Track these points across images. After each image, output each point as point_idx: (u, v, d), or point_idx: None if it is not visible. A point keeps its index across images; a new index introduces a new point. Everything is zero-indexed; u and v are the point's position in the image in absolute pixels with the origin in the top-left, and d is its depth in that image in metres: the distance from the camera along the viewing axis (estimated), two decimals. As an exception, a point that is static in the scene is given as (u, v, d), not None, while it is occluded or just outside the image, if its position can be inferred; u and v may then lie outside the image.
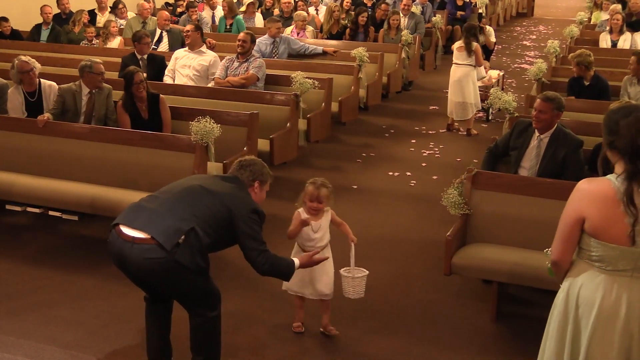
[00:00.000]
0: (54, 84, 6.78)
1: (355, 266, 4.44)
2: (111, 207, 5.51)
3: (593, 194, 2.88)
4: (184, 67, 8.18)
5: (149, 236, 3.56)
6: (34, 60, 6.74)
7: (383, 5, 12.10)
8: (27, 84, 6.67)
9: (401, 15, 11.64)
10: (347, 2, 12.44)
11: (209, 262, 3.77)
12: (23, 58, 6.68)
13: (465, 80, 9.14)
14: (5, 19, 10.78)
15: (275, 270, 3.91)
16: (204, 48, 8.30)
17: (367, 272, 4.45)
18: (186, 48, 8.35)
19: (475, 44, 9.11)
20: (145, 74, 6.86)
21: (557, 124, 5.42)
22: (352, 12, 11.71)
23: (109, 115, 6.58)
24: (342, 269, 4.44)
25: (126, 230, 3.64)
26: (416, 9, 12.80)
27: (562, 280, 3.08)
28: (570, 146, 5.33)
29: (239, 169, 3.99)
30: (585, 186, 2.91)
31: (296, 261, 4.02)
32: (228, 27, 11.65)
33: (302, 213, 4.47)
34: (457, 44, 9.38)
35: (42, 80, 6.78)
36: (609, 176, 2.90)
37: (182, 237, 3.56)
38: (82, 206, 5.72)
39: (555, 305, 3.09)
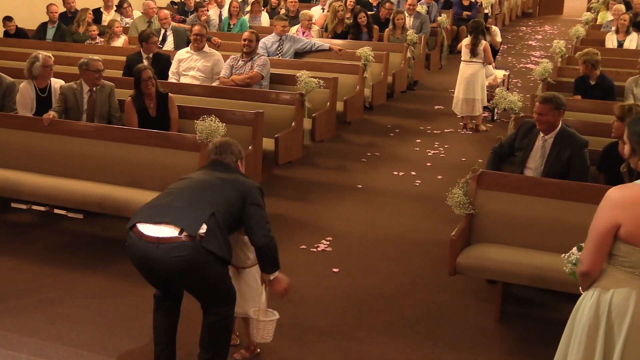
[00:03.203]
0: (62, 82, 6.80)
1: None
2: (118, 206, 5.53)
3: (627, 199, 2.85)
4: (188, 69, 8.17)
5: (175, 229, 3.60)
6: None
7: (387, 4, 12.07)
8: (43, 78, 6.73)
9: (406, 14, 11.62)
10: (351, 2, 12.42)
11: (231, 250, 3.81)
12: (46, 53, 6.81)
13: (475, 77, 9.30)
14: (9, 18, 10.80)
15: (274, 248, 3.87)
16: (207, 48, 8.28)
17: (277, 316, 4.15)
18: (188, 49, 8.33)
19: (484, 43, 9.19)
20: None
21: (562, 124, 5.40)
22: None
23: (112, 112, 6.59)
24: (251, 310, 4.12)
25: (148, 229, 3.65)
26: (421, 8, 12.79)
27: (587, 288, 3.04)
28: (575, 146, 5.31)
29: (220, 153, 4.08)
30: (617, 193, 2.89)
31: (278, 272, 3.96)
32: (231, 26, 11.66)
33: None
34: (465, 41, 9.46)
35: (52, 78, 6.83)
36: (638, 182, 2.88)
37: (204, 225, 3.62)
38: (89, 205, 5.72)
39: (580, 310, 3.04)
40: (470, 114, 9.44)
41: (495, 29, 11.58)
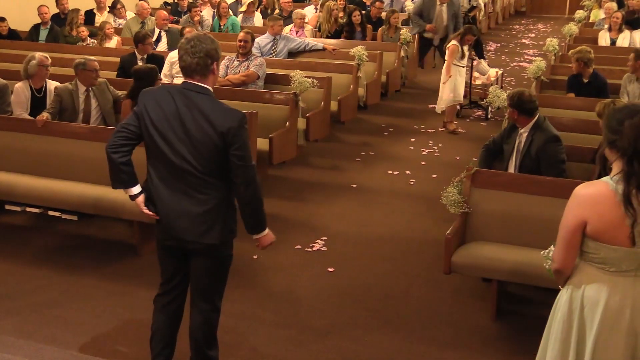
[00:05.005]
0: (58, 84, 6.78)
1: None
2: (113, 207, 5.50)
3: (592, 197, 2.87)
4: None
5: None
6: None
7: (377, 4, 12.07)
8: (39, 78, 6.73)
9: (438, 3, 11.35)
10: (341, 1, 12.40)
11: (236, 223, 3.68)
12: (43, 54, 6.84)
13: (442, 75, 9.31)
14: (2, 19, 10.76)
15: (259, 198, 3.58)
16: None
17: None
18: None
19: (450, 42, 9.19)
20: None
21: (538, 117, 5.45)
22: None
23: (117, 99, 6.77)
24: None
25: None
26: (412, 5, 12.75)
27: (563, 284, 3.08)
28: (542, 140, 5.37)
29: (191, 55, 3.57)
30: (584, 191, 2.91)
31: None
32: (222, 27, 11.65)
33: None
34: None
35: (47, 80, 6.82)
36: (604, 179, 2.90)
37: (214, 221, 3.56)
38: (83, 206, 5.71)
39: (557, 307, 3.09)
40: (438, 112, 9.50)
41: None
